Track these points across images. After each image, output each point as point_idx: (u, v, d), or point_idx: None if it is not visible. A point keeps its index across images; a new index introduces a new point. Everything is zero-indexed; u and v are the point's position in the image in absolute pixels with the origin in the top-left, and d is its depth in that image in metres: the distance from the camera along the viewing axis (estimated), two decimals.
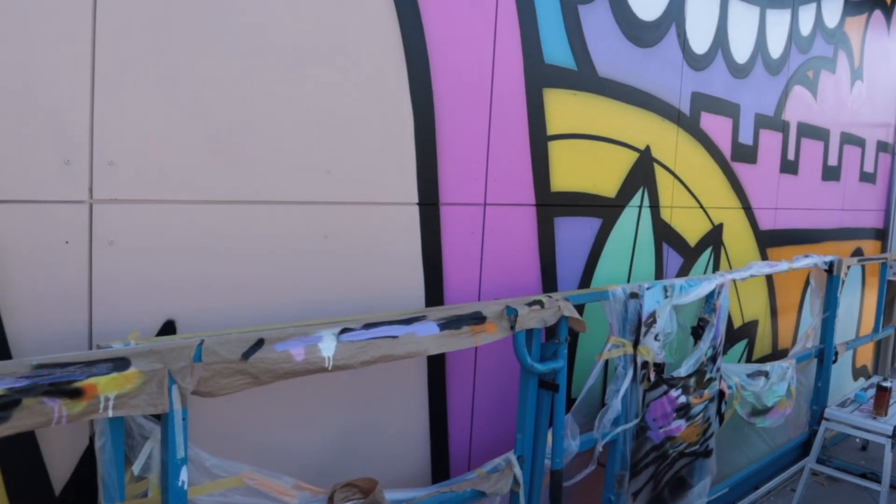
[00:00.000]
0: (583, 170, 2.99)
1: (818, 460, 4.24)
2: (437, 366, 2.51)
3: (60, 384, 1.34)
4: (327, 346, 1.73)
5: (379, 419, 2.33)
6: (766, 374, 3.79)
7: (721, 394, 3.36)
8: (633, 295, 2.78)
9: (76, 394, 1.36)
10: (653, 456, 2.99)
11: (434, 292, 2.44)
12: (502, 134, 2.61)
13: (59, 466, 1.66)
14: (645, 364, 2.84)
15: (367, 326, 1.84)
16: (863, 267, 6.01)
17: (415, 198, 2.34)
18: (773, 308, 4.82)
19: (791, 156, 4.70)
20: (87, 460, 1.68)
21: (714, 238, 4.02)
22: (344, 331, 1.78)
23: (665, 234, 3.57)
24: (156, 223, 1.76)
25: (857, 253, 5.92)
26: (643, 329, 2.80)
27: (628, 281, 3.35)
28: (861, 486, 4.17)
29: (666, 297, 2.89)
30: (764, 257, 4.55)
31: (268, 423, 2.03)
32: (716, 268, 4.05)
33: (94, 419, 1.53)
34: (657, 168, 3.43)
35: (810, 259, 4.28)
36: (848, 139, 5.48)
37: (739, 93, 4.03)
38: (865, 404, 4.23)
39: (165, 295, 1.79)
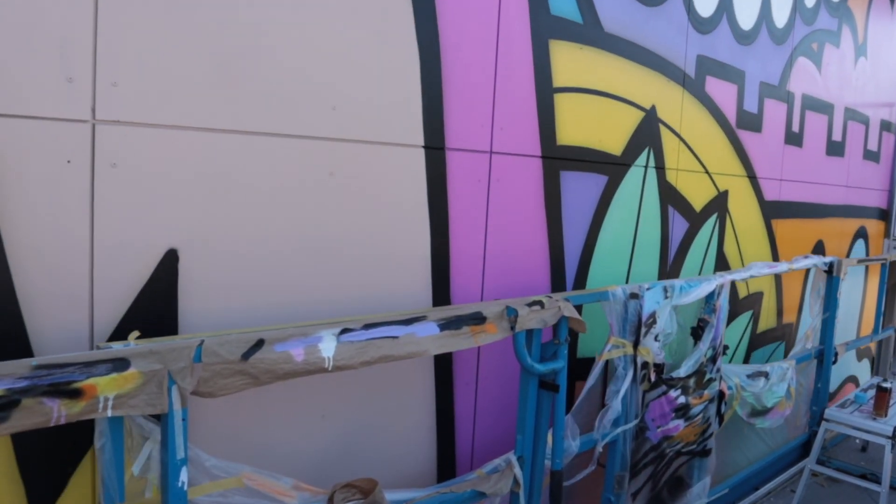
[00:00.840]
0: (589, 125, 2.97)
1: (818, 461, 4.24)
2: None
3: (60, 384, 1.34)
4: (327, 347, 1.73)
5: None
6: (766, 375, 3.79)
7: (721, 394, 3.36)
8: (634, 295, 2.78)
9: (75, 394, 1.36)
10: (651, 456, 2.99)
11: (439, 240, 2.41)
12: (508, 82, 2.59)
13: None
14: (645, 365, 2.84)
15: (367, 327, 1.84)
16: (866, 242, 6.03)
17: (421, 140, 2.32)
18: (779, 279, 4.77)
19: (795, 128, 4.67)
20: None
21: (720, 205, 3.99)
22: (344, 331, 1.78)
23: (671, 197, 3.55)
24: (158, 148, 1.74)
25: (861, 232, 5.93)
26: (643, 330, 2.80)
27: (634, 241, 3.33)
28: (861, 486, 4.17)
29: (666, 297, 2.89)
30: (769, 228, 4.53)
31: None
32: (721, 235, 4.02)
33: (94, 419, 1.53)
34: (663, 129, 3.41)
35: (810, 260, 4.28)
36: (852, 115, 5.46)
37: (744, 59, 4.01)
38: (865, 405, 4.23)
39: (167, 222, 1.77)
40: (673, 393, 2.99)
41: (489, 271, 2.60)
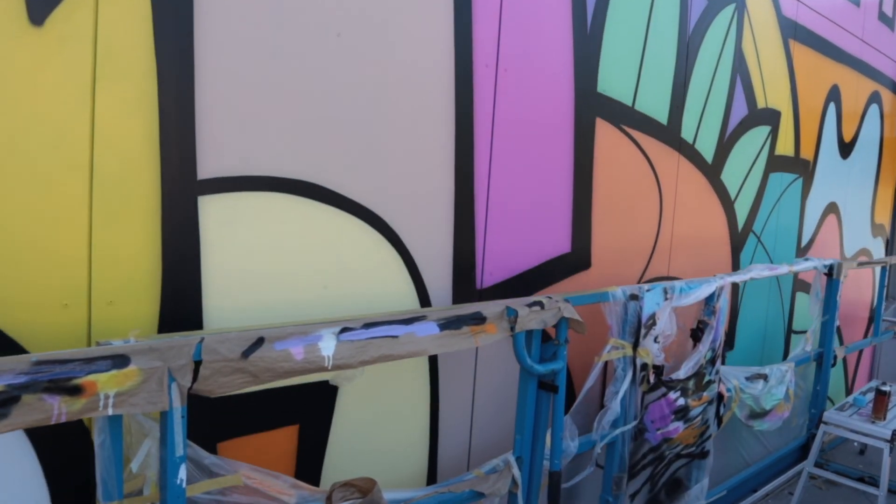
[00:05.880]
0: None
1: (816, 464, 4.25)
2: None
3: (60, 381, 1.34)
4: (327, 346, 1.73)
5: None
6: (765, 377, 3.79)
7: (720, 396, 3.36)
8: (633, 297, 2.78)
9: (76, 391, 1.36)
10: (650, 458, 2.99)
11: None
12: None
13: None
14: (644, 366, 2.84)
15: (367, 326, 1.84)
16: (881, 110, 5.94)
17: None
18: (796, 103, 4.61)
19: None
20: None
21: None
22: (343, 330, 1.78)
23: None
24: None
25: (876, 97, 5.83)
26: (643, 331, 2.80)
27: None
28: (859, 489, 4.18)
29: (666, 299, 2.89)
30: (786, 46, 4.39)
31: None
32: (739, 29, 3.85)
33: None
34: None
35: (810, 262, 4.29)
36: None
37: None
38: (864, 408, 4.23)
39: None
40: (672, 395, 2.99)
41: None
